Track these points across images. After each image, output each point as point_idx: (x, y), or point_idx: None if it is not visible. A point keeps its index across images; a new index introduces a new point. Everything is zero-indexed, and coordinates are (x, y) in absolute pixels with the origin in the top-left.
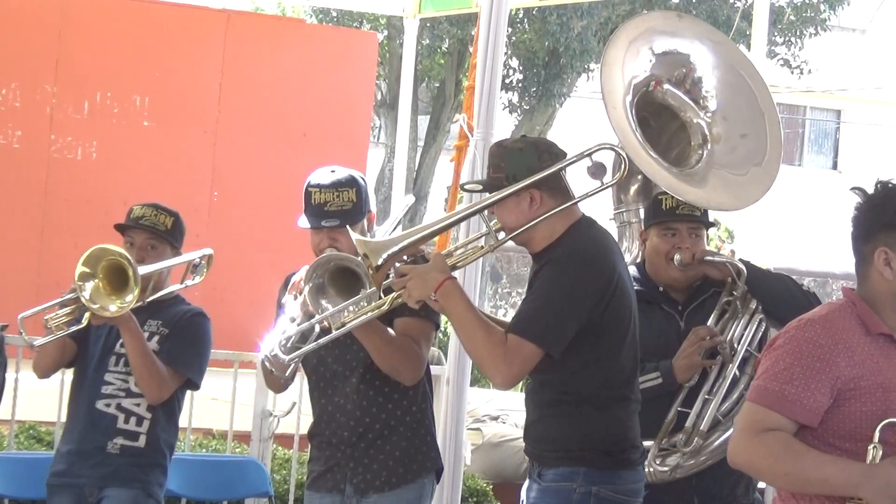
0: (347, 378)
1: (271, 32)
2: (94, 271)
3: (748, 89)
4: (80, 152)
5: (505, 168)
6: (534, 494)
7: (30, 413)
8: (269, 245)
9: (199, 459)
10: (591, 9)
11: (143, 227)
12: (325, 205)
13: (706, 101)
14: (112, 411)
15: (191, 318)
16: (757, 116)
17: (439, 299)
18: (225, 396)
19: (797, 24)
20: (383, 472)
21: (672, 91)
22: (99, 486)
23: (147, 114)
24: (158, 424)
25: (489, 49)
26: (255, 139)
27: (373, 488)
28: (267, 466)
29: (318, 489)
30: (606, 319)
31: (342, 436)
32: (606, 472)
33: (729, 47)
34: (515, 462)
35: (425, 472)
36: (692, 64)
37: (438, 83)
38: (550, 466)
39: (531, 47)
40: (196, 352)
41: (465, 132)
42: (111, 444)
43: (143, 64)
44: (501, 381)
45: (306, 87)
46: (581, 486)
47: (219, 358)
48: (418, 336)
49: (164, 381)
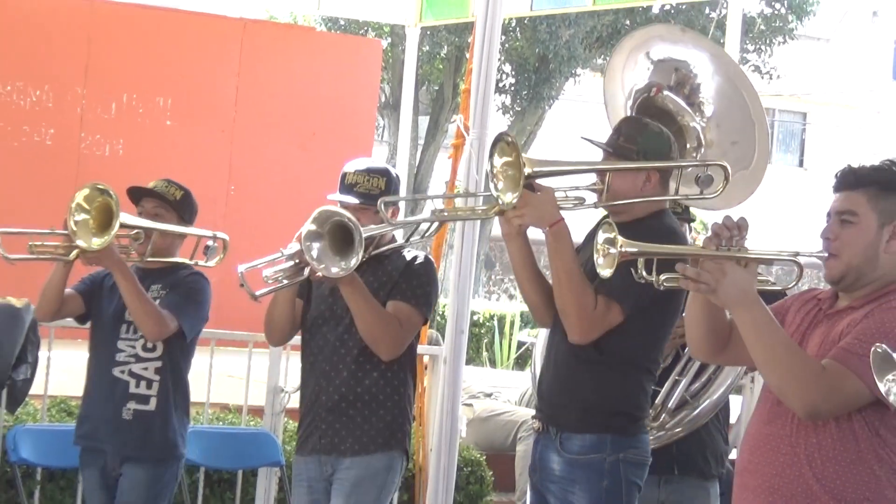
0: (336, 348)
1: (284, 39)
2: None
3: (742, 100)
4: (108, 149)
5: (640, 143)
6: (560, 468)
7: (61, 388)
8: (280, 234)
9: (217, 431)
10: (578, 19)
11: (153, 194)
12: (355, 185)
13: (702, 108)
14: (125, 378)
15: (188, 276)
16: (748, 126)
17: (551, 237)
18: (240, 374)
19: (767, 33)
20: (352, 438)
21: (671, 97)
22: (119, 459)
23: (169, 114)
24: (167, 387)
25: (484, 55)
26: (269, 137)
27: (345, 452)
28: (279, 438)
29: (301, 453)
30: (674, 293)
31: (321, 400)
32: (630, 437)
33: (726, 59)
34: (504, 434)
35: (395, 447)
36: (691, 72)
37: (437, 86)
38: (574, 431)
39: (523, 54)
40: (190, 302)
41: (462, 132)
42: (125, 409)
43: (165, 68)
44: (579, 336)
45: (316, 90)
46: (610, 454)
47: (234, 338)
48: (405, 320)
49: (158, 322)
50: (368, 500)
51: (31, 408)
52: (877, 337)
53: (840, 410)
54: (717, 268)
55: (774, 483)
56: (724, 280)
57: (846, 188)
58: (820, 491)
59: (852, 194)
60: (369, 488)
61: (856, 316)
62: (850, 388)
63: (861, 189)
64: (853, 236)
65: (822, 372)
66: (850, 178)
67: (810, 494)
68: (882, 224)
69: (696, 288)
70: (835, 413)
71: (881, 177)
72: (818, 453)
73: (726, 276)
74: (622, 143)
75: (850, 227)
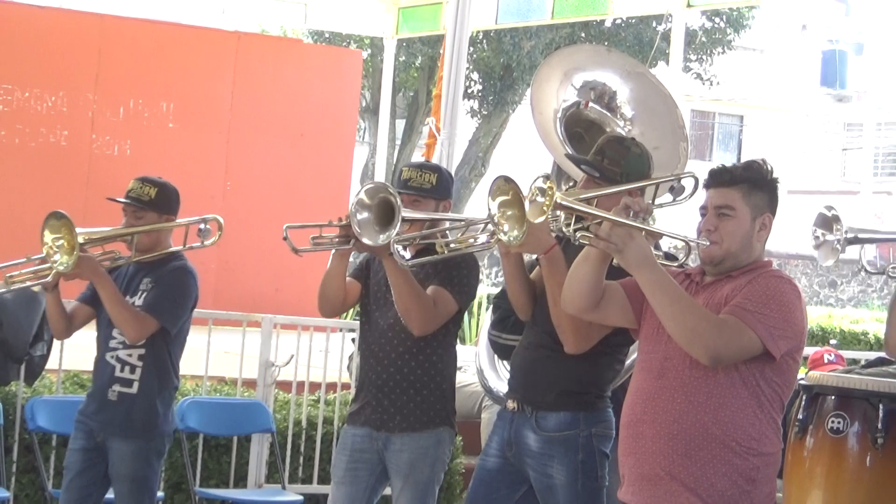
0: (384, 331)
1: (274, 50)
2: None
3: (663, 111)
4: (117, 149)
5: (623, 166)
6: (537, 445)
7: (74, 363)
8: (273, 225)
9: (214, 402)
10: (538, 31)
11: (129, 198)
12: (409, 180)
13: (625, 116)
14: (112, 362)
15: (171, 271)
16: (668, 134)
17: (546, 261)
18: (235, 350)
19: (707, 44)
20: (399, 417)
21: (597, 109)
22: (105, 435)
23: (172, 117)
24: (149, 372)
25: (453, 64)
26: (261, 138)
27: (393, 430)
28: (270, 408)
29: (353, 423)
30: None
31: (371, 379)
32: (598, 412)
33: (650, 77)
34: (471, 403)
35: (441, 424)
36: (614, 88)
37: (413, 92)
38: (549, 410)
39: (489, 63)
40: (171, 300)
41: (434, 132)
42: (111, 391)
43: (168, 76)
44: (574, 348)
45: (303, 95)
46: (583, 430)
47: (230, 318)
48: (440, 301)
49: (136, 325)
50: (423, 476)
51: (48, 381)
52: (765, 299)
53: (737, 358)
54: (626, 233)
55: (674, 429)
56: (631, 243)
57: (722, 185)
58: (718, 432)
59: (728, 191)
60: (422, 466)
61: (738, 282)
62: (746, 340)
63: (735, 186)
64: (731, 228)
65: (723, 323)
66: (725, 177)
67: (708, 436)
68: (754, 217)
69: (606, 247)
70: (733, 360)
71: (752, 175)
72: (711, 401)
73: (633, 240)
74: (607, 165)
75: (727, 220)
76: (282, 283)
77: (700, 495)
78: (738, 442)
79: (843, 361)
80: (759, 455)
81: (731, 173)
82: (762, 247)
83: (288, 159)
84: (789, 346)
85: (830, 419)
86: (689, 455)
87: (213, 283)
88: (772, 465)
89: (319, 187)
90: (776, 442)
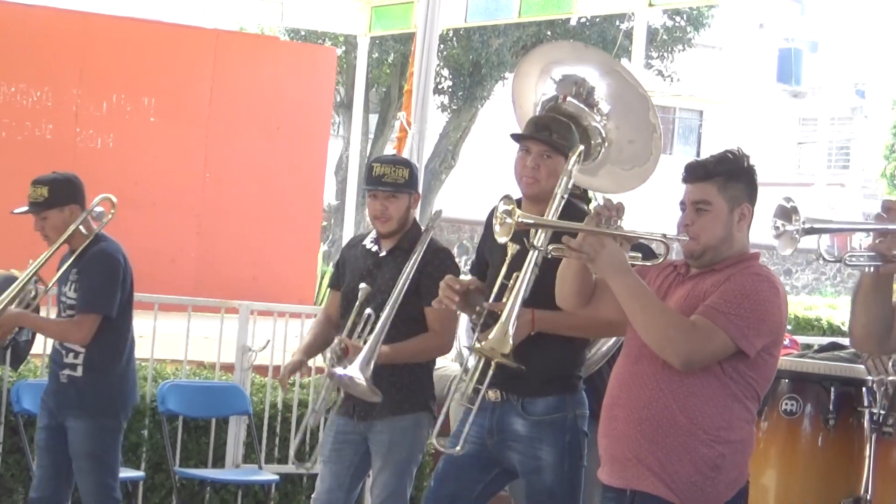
0: None
1: (252, 48)
2: None
3: (639, 106)
4: (100, 142)
5: (569, 140)
6: (525, 429)
7: None
8: (250, 215)
9: (193, 385)
10: (506, 30)
11: (30, 206)
12: (382, 176)
13: (602, 111)
14: (60, 349)
15: (90, 260)
16: (643, 128)
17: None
18: (214, 335)
19: (668, 42)
20: (381, 405)
21: (575, 103)
22: (61, 414)
23: (153, 112)
24: (91, 356)
25: (424, 61)
26: (239, 132)
27: (373, 416)
28: (247, 391)
29: (339, 413)
30: None
31: None
32: (579, 394)
33: (626, 73)
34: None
35: (420, 409)
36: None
37: (385, 88)
38: (536, 396)
39: (458, 60)
40: (98, 288)
41: (405, 127)
42: (62, 375)
43: (149, 72)
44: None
45: (280, 91)
46: (570, 412)
47: (209, 305)
48: (436, 322)
49: (77, 332)
50: (401, 457)
51: (32, 365)
52: (738, 298)
53: (710, 360)
54: (597, 241)
55: (643, 414)
56: (603, 252)
57: (697, 180)
58: (684, 420)
59: (704, 185)
60: (401, 446)
61: (718, 277)
62: (717, 342)
63: (710, 180)
64: (709, 222)
65: (693, 328)
66: (700, 171)
67: (675, 424)
68: (731, 209)
69: (578, 257)
70: (706, 362)
71: (726, 168)
72: (681, 389)
73: (605, 248)
74: (556, 139)
75: (705, 215)
76: (259, 272)
77: (664, 480)
78: (704, 430)
79: (797, 346)
80: (727, 443)
81: (706, 168)
82: (744, 236)
83: (265, 152)
84: (765, 342)
85: (785, 401)
86: (656, 441)
87: (193, 271)
88: (740, 452)
89: (295, 179)
90: (747, 429)
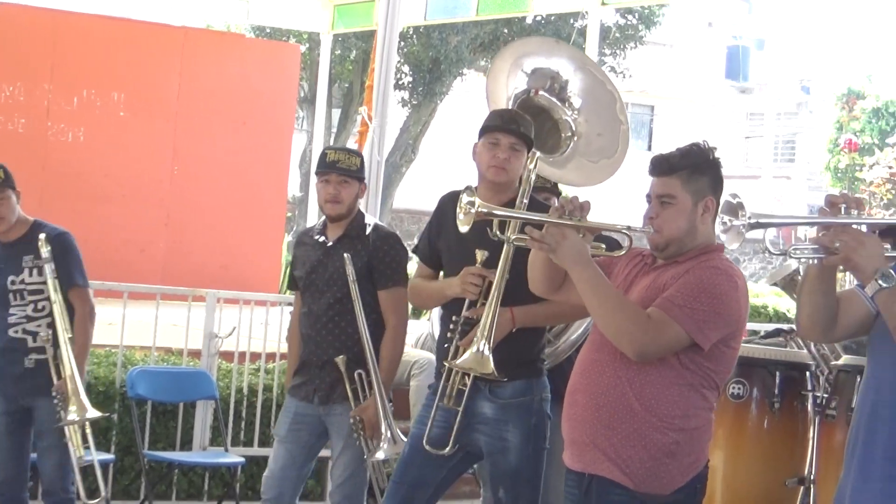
0: (318, 317)
1: (218, 44)
2: None
3: (608, 100)
4: (71, 136)
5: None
6: (492, 412)
7: None
8: (216, 208)
9: (161, 371)
10: (465, 27)
11: None
12: (336, 162)
13: (573, 106)
14: (21, 335)
15: (58, 242)
16: (612, 121)
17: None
18: (181, 322)
19: (621, 39)
20: (339, 389)
21: (547, 97)
22: (28, 397)
23: (123, 106)
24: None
25: (385, 57)
26: (206, 126)
27: (333, 400)
28: (213, 376)
29: (294, 395)
30: None
31: (313, 361)
32: (542, 378)
33: (595, 68)
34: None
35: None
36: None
37: (348, 84)
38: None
39: (418, 56)
40: (75, 264)
41: (366, 121)
42: (27, 360)
43: (119, 68)
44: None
45: (245, 87)
46: (535, 395)
47: (177, 293)
48: (392, 306)
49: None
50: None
51: None
52: (695, 291)
53: (664, 352)
54: (559, 232)
55: (601, 401)
56: (564, 243)
57: (662, 174)
58: (639, 407)
59: (668, 179)
60: None
61: (679, 270)
62: (672, 334)
63: (675, 174)
64: (673, 216)
65: (648, 320)
66: (664, 166)
67: (630, 411)
68: (695, 202)
69: (539, 247)
70: (660, 354)
71: (690, 161)
72: (637, 377)
73: (566, 239)
74: (524, 132)
75: (669, 208)
76: (227, 261)
77: (619, 465)
78: (659, 418)
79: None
80: (681, 430)
81: (670, 162)
82: (709, 229)
83: (231, 146)
84: (722, 335)
85: (732, 385)
86: (612, 427)
87: (162, 260)
88: (696, 439)
89: (260, 171)
90: (704, 417)
